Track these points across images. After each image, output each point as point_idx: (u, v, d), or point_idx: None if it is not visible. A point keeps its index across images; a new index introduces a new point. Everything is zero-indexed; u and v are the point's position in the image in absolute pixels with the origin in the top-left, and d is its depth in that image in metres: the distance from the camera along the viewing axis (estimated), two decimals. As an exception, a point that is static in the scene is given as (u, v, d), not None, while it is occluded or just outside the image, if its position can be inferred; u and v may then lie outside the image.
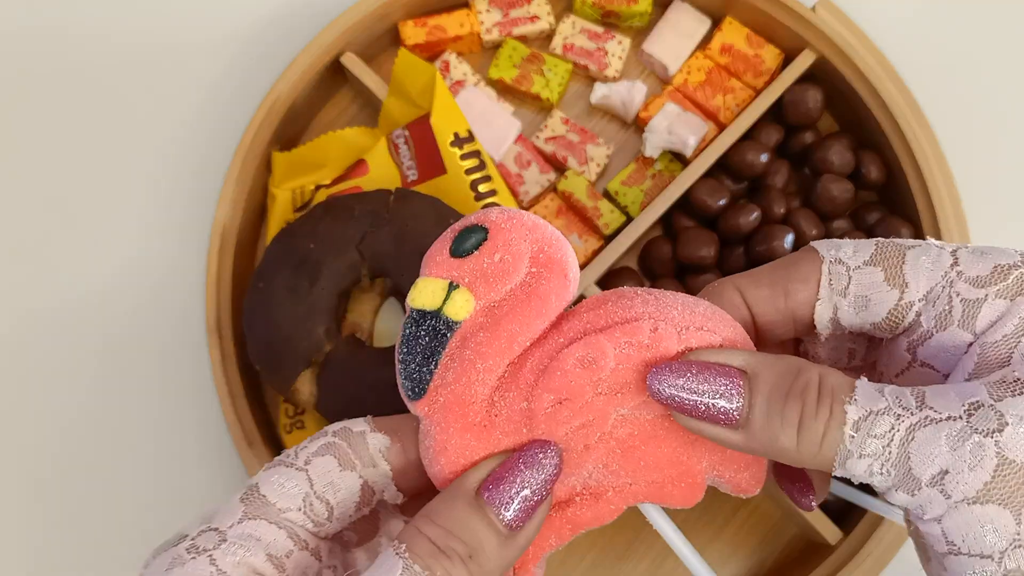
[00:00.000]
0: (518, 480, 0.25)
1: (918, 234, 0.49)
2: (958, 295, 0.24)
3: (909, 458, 0.22)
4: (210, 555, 0.23)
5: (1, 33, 0.55)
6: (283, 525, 0.25)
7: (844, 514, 0.48)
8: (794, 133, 0.51)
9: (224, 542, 0.24)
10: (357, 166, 0.48)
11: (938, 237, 0.48)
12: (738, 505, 0.49)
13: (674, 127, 0.50)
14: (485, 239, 0.26)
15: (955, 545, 0.22)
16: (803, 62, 0.50)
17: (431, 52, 0.53)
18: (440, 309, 0.26)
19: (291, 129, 0.52)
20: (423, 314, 0.26)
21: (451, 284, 0.26)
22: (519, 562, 0.27)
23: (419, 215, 0.43)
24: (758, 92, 0.51)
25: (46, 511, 0.50)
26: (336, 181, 0.48)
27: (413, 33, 0.52)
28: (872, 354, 0.29)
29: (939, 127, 0.51)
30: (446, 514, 0.24)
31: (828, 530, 0.46)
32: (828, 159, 0.49)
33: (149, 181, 0.53)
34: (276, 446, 0.48)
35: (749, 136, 0.51)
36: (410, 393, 0.26)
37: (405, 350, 0.26)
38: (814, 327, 0.27)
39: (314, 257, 0.43)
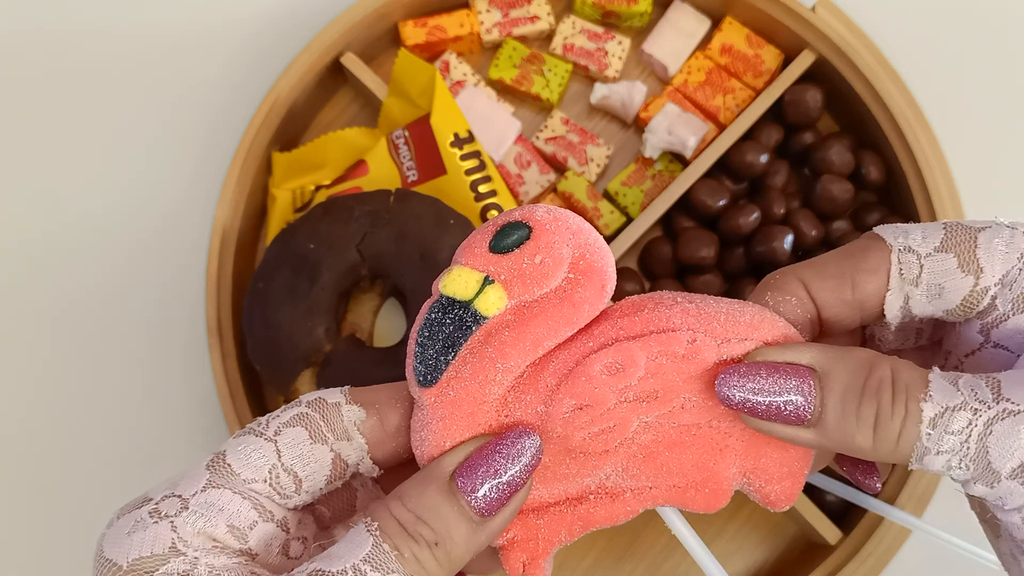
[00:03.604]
0: (494, 467, 0.24)
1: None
2: None
3: (988, 452, 0.22)
4: (171, 522, 0.23)
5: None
6: (247, 496, 0.24)
7: (844, 514, 0.48)
8: (794, 133, 0.51)
9: (186, 510, 0.23)
10: (357, 166, 0.48)
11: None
12: (739, 505, 0.49)
13: (674, 127, 0.50)
14: (527, 237, 0.25)
15: None
16: (803, 62, 0.50)
17: (431, 52, 0.53)
18: (471, 301, 0.25)
19: (291, 129, 0.52)
20: (452, 302, 0.25)
21: (486, 278, 0.25)
22: (530, 557, 0.27)
23: (419, 215, 0.43)
24: (758, 92, 0.51)
25: (45, 510, 0.50)
26: (336, 181, 0.48)
27: (413, 33, 0.52)
28: (939, 332, 0.28)
29: (939, 127, 0.51)
30: (417, 498, 0.24)
31: (828, 530, 0.46)
32: (828, 159, 0.49)
33: (149, 182, 0.53)
34: (276, 446, 0.48)
35: (749, 136, 0.51)
36: (421, 379, 0.25)
37: (426, 334, 0.25)
38: (882, 315, 0.26)
39: (314, 257, 0.43)
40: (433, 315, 0.25)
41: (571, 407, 0.25)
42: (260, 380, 0.50)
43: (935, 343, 0.29)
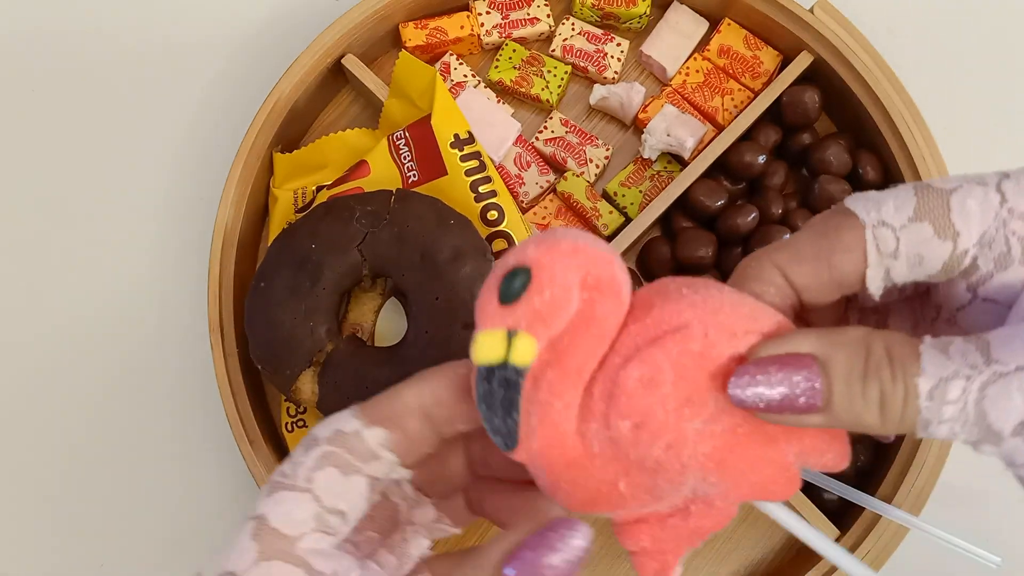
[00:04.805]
0: (541, 558, 0.25)
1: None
2: (1014, 234, 0.24)
3: (986, 416, 0.22)
4: None
5: (0, 33, 0.55)
6: (300, 563, 0.24)
7: (842, 512, 0.48)
8: (792, 134, 0.52)
9: None
10: (358, 167, 0.48)
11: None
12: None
13: (672, 129, 0.50)
14: (530, 279, 0.25)
15: None
16: (801, 63, 0.50)
17: (431, 54, 0.53)
18: (505, 360, 0.25)
19: (292, 130, 0.52)
20: (490, 369, 0.26)
21: (509, 332, 0.25)
22: (660, 565, 0.27)
23: (420, 216, 0.44)
24: (756, 93, 0.52)
25: (49, 509, 0.51)
26: (337, 182, 0.49)
27: (414, 35, 0.52)
28: (924, 282, 0.28)
29: (936, 128, 0.51)
30: None
31: (826, 528, 0.46)
32: (826, 160, 0.50)
33: (151, 183, 0.54)
34: (277, 445, 0.48)
35: (747, 137, 0.51)
36: (503, 447, 0.26)
37: (485, 407, 0.26)
38: (864, 289, 0.26)
39: (315, 257, 0.43)
40: (482, 388, 0.26)
41: (628, 428, 0.25)
42: (261, 379, 0.50)
43: (922, 293, 0.29)
